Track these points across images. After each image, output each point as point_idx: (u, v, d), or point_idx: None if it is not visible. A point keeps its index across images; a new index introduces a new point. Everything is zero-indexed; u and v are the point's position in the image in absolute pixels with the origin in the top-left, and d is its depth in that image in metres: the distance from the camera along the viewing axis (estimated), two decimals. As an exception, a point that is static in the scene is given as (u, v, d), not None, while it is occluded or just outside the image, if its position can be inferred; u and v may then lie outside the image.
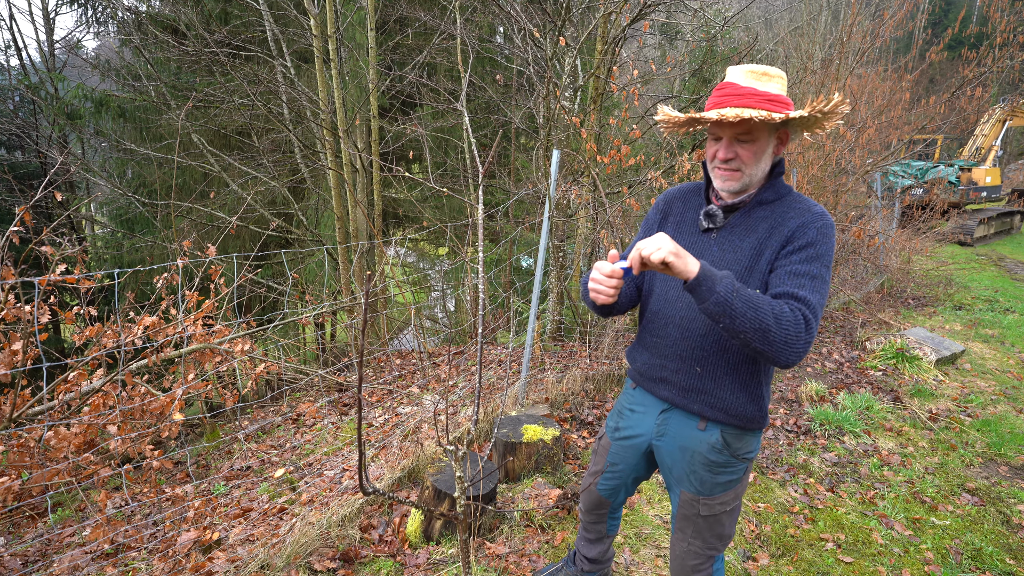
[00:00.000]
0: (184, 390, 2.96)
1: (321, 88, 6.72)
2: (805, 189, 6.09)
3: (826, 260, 1.27)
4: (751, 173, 1.34)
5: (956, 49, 11.82)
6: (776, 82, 1.30)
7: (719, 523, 1.49)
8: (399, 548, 2.36)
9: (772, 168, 1.39)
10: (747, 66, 1.31)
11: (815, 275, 1.24)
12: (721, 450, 1.41)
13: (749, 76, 1.29)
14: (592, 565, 2.00)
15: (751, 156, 1.32)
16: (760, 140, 1.31)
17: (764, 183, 1.37)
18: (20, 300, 2.69)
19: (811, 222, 1.29)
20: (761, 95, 1.26)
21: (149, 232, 8.98)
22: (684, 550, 1.54)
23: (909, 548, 2.55)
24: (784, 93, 1.31)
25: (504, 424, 2.95)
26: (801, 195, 1.37)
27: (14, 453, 2.64)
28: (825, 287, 1.25)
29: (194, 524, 2.51)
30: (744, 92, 1.27)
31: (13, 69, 11.98)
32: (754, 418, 1.40)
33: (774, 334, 1.15)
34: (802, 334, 1.17)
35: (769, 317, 1.15)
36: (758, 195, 1.37)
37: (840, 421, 3.69)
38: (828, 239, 1.28)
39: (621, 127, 5.02)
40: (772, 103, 1.26)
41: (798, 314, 1.18)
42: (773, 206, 1.35)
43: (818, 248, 1.26)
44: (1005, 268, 9.87)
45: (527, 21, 4.92)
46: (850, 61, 7.21)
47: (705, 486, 1.44)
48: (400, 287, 6.54)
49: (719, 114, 1.24)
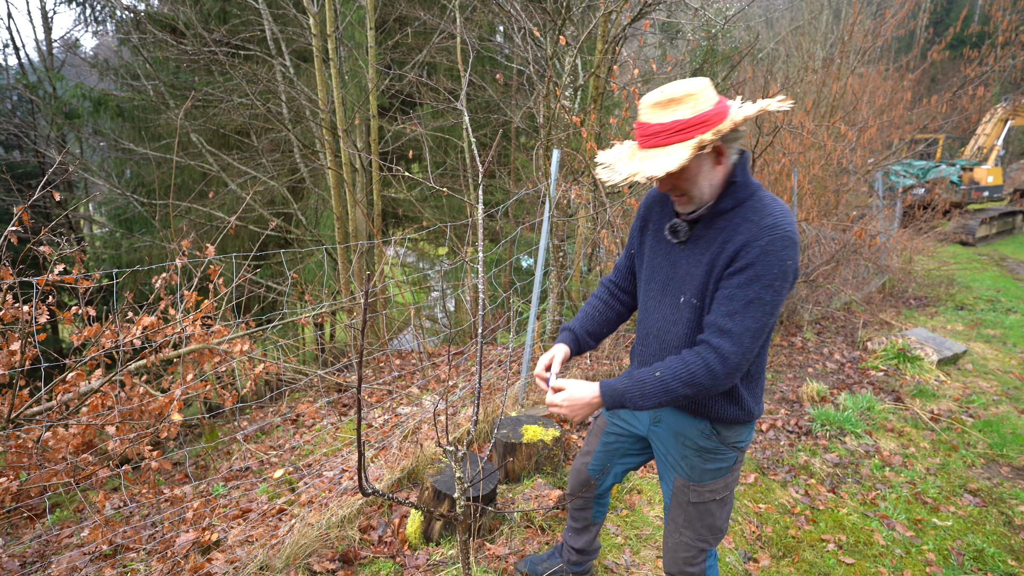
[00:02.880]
0: (183, 390, 2.95)
1: (320, 87, 6.71)
2: (806, 189, 6.08)
3: (767, 279, 1.22)
4: (698, 194, 1.31)
5: (958, 48, 11.81)
6: (685, 104, 1.22)
7: (709, 513, 1.50)
8: (398, 549, 2.35)
9: (733, 168, 1.32)
10: (652, 96, 1.25)
11: (751, 299, 1.23)
12: (711, 436, 1.44)
13: (655, 110, 1.24)
14: (579, 556, 2.00)
15: (687, 183, 1.30)
16: (688, 167, 1.27)
17: (721, 191, 1.32)
18: (18, 300, 2.68)
19: (755, 240, 1.23)
20: (669, 128, 1.22)
21: (148, 232, 8.97)
22: (676, 542, 1.55)
23: (911, 549, 2.54)
24: (697, 111, 1.21)
25: (504, 424, 2.93)
26: (762, 198, 1.29)
27: (12, 454, 2.63)
28: (762, 309, 1.23)
29: (193, 525, 2.50)
30: (652, 131, 1.25)
31: (11, 68, 11.97)
32: (738, 417, 1.42)
33: (698, 387, 1.26)
34: (718, 376, 1.25)
35: (680, 384, 1.27)
36: (715, 205, 1.33)
37: (841, 422, 3.68)
38: (772, 256, 1.22)
39: (622, 127, 5.01)
40: (682, 132, 1.21)
41: (704, 359, 1.25)
42: (732, 215, 1.30)
43: (758, 269, 1.22)
44: (1007, 268, 9.86)
45: (527, 20, 4.90)
46: (851, 60, 7.19)
47: (696, 472, 1.47)
48: (400, 287, 6.52)
49: (623, 180, 1.25)
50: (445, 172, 8.79)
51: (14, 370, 2.54)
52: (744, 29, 13.16)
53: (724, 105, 1.25)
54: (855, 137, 6.93)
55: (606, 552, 2.37)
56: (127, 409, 2.83)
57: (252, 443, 4.08)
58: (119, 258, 8.93)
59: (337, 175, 6.89)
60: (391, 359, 5.66)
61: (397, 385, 4.80)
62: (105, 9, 9.63)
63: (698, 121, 1.20)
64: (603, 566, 2.29)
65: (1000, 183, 13.78)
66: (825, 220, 6.61)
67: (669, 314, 1.42)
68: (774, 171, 5.87)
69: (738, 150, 1.32)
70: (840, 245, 6.19)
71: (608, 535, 2.48)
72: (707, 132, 1.20)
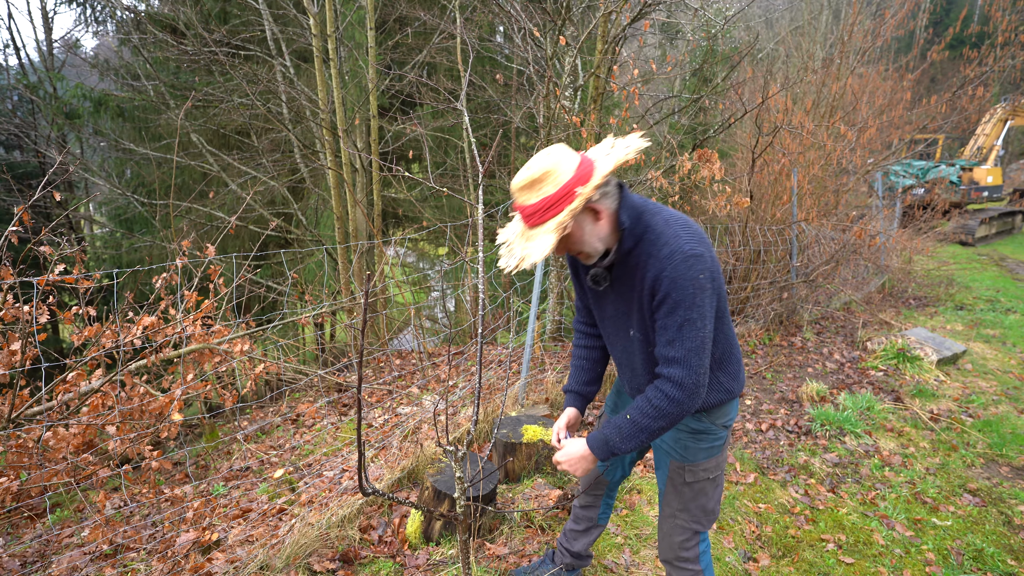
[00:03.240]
0: (183, 390, 2.95)
1: (320, 87, 6.71)
2: (806, 189, 6.08)
3: (687, 301, 1.29)
4: (592, 250, 1.39)
5: (957, 48, 11.81)
6: (547, 183, 1.28)
7: (703, 493, 1.58)
8: (399, 549, 2.35)
9: (617, 213, 1.37)
10: (518, 180, 1.31)
11: (680, 324, 1.30)
12: (701, 419, 1.53)
13: (524, 193, 1.31)
14: (574, 560, 2.02)
15: (576, 245, 1.38)
16: (571, 233, 1.34)
17: (619, 236, 1.38)
18: (19, 300, 2.68)
19: (661, 272, 1.30)
20: (540, 207, 1.29)
21: (148, 232, 8.97)
22: (671, 526, 1.63)
23: (910, 549, 2.54)
24: (559, 184, 1.27)
25: (504, 424, 2.94)
26: (655, 228, 1.34)
27: (13, 454, 2.63)
28: (694, 327, 1.30)
29: (193, 525, 2.51)
30: (528, 212, 1.32)
31: (11, 68, 11.97)
32: (721, 399, 1.51)
33: (667, 420, 1.35)
34: (682, 401, 1.33)
35: (652, 420, 1.36)
36: (619, 249, 1.39)
37: (841, 421, 3.68)
38: (680, 280, 1.28)
39: (621, 126, 5.01)
40: (553, 208, 1.28)
41: (663, 391, 1.34)
42: (637, 252, 1.37)
43: (674, 296, 1.29)
44: (1007, 268, 9.86)
45: (527, 20, 4.90)
46: (851, 60, 7.20)
47: (689, 452, 1.56)
48: (400, 287, 6.53)
49: (515, 267, 1.32)
50: (445, 172, 8.79)
51: (15, 370, 2.55)
52: (744, 29, 13.17)
53: (587, 165, 1.30)
54: (855, 137, 6.94)
55: (606, 552, 2.38)
56: (127, 409, 2.83)
57: (252, 443, 4.08)
58: (119, 258, 8.93)
59: (337, 175, 6.90)
60: (391, 359, 5.66)
61: (397, 385, 4.80)
62: (105, 9, 9.64)
63: (564, 192, 1.27)
64: (603, 566, 2.29)
65: (1000, 183, 13.78)
66: (825, 220, 6.61)
67: (627, 346, 1.53)
68: (774, 171, 5.87)
69: (615, 193, 1.37)
70: (840, 245, 6.19)
71: (608, 535, 2.49)
72: (571, 203, 1.26)
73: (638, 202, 1.39)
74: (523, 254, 1.31)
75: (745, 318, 5.64)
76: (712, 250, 1.35)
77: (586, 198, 1.27)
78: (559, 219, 1.27)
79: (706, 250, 1.32)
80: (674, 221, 1.35)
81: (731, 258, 5.51)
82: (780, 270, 5.77)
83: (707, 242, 1.35)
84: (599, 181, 1.28)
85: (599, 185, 1.29)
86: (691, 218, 1.41)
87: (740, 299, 5.54)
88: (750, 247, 5.41)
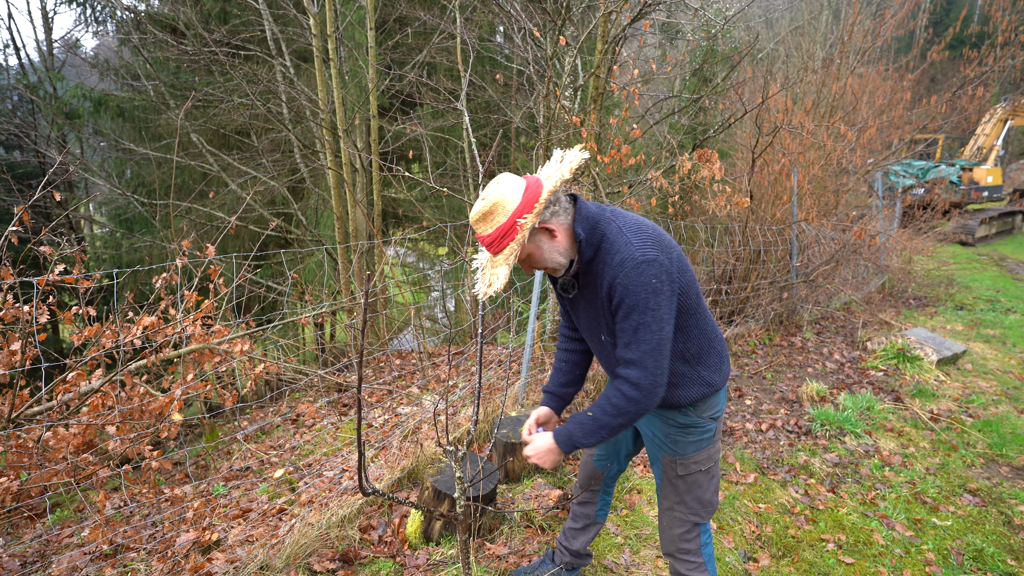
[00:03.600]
0: (183, 390, 2.95)
1: (320, 87, 6.71)
2: (806, 189, 6.08)
3: (640, 305, 1.35)
4: (555, 265, 1.46)
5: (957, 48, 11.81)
6: (498, 214, 1.36)
7: (698, 484, 1.63)
8: (399, 549, 2.35)
9: (572, 226, 1.43)
10: (473, 215, 1.39)
11: (636, 327, 1.36)
12: (688, 413, 1.58)
13: (479, 226, 1.39)
14: (573, 559, 2.04)
15: (540, 263, 1.47)
16: (531, 254, 1.43)
17: (578, 248, 1.44)
18: (19, 300, 2.68)
19: (615, 280, 1.36)
20: (496, 236, 1.37)
21: (148, 232, 8.97)
22: (669, 519, 1.68)
23: (910, 549, 2.54)
24: (508, 213, 1.35)
25: (504, 424, 2.94)
26: (609, 237, 1.40)
27: (13, 454, 2.63)
28: (649, 329, 1.36)
29: (193, 525, 2.51)
30: (487, 242, 1.40)
31: (11, 68, 11.97)
32: (704, 393, 1.54)
33: (626, 417, 1.43)
34: (638, 400, 1.40)
35: (611, 418, 1.43)
36: (580, 260, 1.46)
37: (841, 421, 3.68)
38: (633, 286, 1.34)
39: (621, 127, 5.01)
40: (508, 235, 1.36)
41: (620, 391, 1.42)
42: (596, 260, 1.43)
43: (628, 302, 1.35)
44: (1007, 268, 9.86)
45: (527, 20, 4.90)
46: (851, 60, 7.20)
47: (680, 446, 1.60)
48: (400, 287, 6.53)
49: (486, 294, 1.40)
50: (445, 172, 8.79)
51: (15, 370, 2.55)
52: (744, 29, 13.16)
53: (534, 189, 1.37)
54: (855, 137, 6.94)
55: (606, 552, 2.38)
56: (127, 409, 2.83)
57: (252, 443, 4.08)
58: (119, 258, 8.93)
59: (337, 175, 6.90)
60: (391, 359, 5.66)
61: (397, 385, 4.80)
62: (105, 9, 9.64)
63: (514, 219, 1.35)
64: (603, 566, 2.29)
65: (1000, 183, 13.78)
66: (825, 220, 6.61)
67: (600, 349, 1.61)
68: (774, 171, 5.87)
69: (569, 207, 1.44)
70: (840, 245, 6.19)
71: (608, 535, 2.49)
72: (516, 235, 1.35)
73: (593, 212, 1.44)
74: (490, 279, 1.40)
75: (745, 318, 5.64)
76: (671, 252, 1.41)
77: (529, 226, 1.34)
78: (507, 251, 1.36)
79: (660, 253, 1.36)
80: (627, 228, 1.39)
81: (731, 258, 5.51)
82: (780, 270, 5.77)
83: (665, 244, 1.40)
84: (540, 207, 1.35)
85: (541, 210, 1.36)
86: (649, 221, 1.45)
87: (740, 299, 5.54)
88: (750, 247, 5.41)
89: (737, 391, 4.32)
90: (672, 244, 1.44)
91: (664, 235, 1.44)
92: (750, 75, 8.31)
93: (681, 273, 1.42)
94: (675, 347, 1.48)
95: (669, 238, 1.45)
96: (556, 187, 1.39)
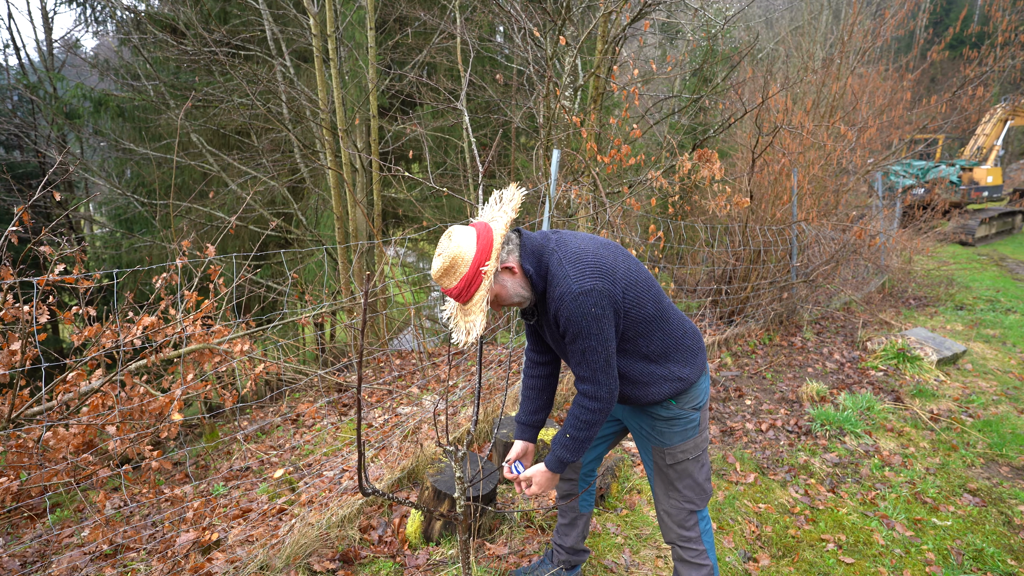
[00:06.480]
0: (183, 390, 2.95)
1: (320, 87, 6.71)
2: (806, 189, 6.08)
3: (584, 331, 1.44)
4: (521, 298, 1.54)
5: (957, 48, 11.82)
6: (458, 267, 1.44)
7: (687, 473, 1.68)
8: (399, 549, 2.35)
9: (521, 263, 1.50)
10: (434, 271, 1.47)
11: (583, 350, 1.46)
12: (670, 407, 1.64)
13: (443, 281, 1.47)
14: (570, 556, 2.05)
15: (507, 302, 1.54)
16: (497, 295, 1.51)
17: (531, 283, 1.52)
18: (19, 300, 2.68)
19: (558, 311, 1.46)
20: (461, 286, 1.45)
21: (148, 232, 8.97)
22: (665, 508, 1.74)
23: (910, 549, 2.54)
24: (468, 263, 1.43)
25: (504, 424, 2.94)
26: (552, 270, 1.48)
27: (13, 454, 2.63)
28: (594, 350, 1.46)
29: (193, 525, 2.51)
30: (453, 293, 1.47)
31: (11, 68, 11.96)
32: (680, 388, 1.61)
33: (589, 424, 1.55)
34: (596, 409, 1.53)
35: (583, 431, 1.56)
36: (535, 292, 1.54)
37: (841, 421, 3.68)
38: (574, 315, 1.43)
39: (621, 126, 5.01)
40: (472, 283, 1.44)
41: (580, 404, 1.55)
42: (547, 291, 1.51)
43: (572, 329, 1.45)
44: (1007, 268, 9.86)
45: (527, 20, 4.90)
46: (851, 60, 7.20)
47: (665, 436, 1.67)
48: (400, 287, 6.53)
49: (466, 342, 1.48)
50: (445, 172, 8.79)
51: (15, 370, 2.55)
52: (744, 29, 13.17)
53: (486, 235, 1.45)
54: (855, 137, 6.94)
55: (606, 552, 2.38)
56: (127, 409, 2.83)
57: (252, 443, 4.08)
58: (119, 258, 8.93)
59: (337, 175, 6.90)
60: (391, 359, 5.66)
61: (397, 385, 4.80)
62: (105, 9, 9.64)
63: (476, 268, 1.44)
64: (603, 566, 2.29)
65: (1000, 183, 13.77)
66: (825, 220, 6.61)
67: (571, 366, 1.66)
68: (774, 171, 5.87)
69: (516, 241, 1.51)
70: (840, 245, 6.19)
71: (608, 535, 2.49)
72: (481, 283, 1.43)
73: (537, 244, 1.52)
74: (467, 327, 1.48)
75: (745, 318, 5.64)
76: (614, 274, 1.47)
77: (493, 271, 1.43)
78: (477, 298, 1.44)
79: (600, 281, 1.43)
80: (567, 259, 1.47)
81: (731, 258, 5.51)
82: (780, 270, 5.77)
83: (606, 269, 1.45)
84: (497, 251, 1.44)
85: (499, 252, 1.45)
86: (593, 244, 1.51)
87: (740, 299, 5.54)
88: (750, 247, 5.41)
89: (737, 391, 4.32)
90: (615, 266, 1.49)
91: (605, 259, 1.48)
92: (750, 75, 8.31)
93: (628, 291, 1.49)
94: (639, 351, 1.57)
95: (613, 260, 1.50)
96: (507, 229, 1.48)
